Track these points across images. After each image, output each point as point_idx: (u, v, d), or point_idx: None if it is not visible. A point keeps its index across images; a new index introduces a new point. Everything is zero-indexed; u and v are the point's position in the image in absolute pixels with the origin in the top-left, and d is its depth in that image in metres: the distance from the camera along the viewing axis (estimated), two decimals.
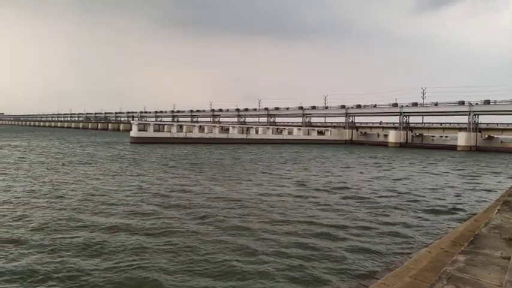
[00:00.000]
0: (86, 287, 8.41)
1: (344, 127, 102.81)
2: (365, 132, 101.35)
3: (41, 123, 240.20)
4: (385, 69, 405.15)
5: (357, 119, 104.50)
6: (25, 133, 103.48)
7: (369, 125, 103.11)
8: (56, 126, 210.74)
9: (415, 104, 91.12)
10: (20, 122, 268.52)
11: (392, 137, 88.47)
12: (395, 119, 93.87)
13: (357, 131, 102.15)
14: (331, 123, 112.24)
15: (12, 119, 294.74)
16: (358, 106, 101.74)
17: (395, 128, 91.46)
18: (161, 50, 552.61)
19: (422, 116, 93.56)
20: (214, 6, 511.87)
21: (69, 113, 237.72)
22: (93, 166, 30.85)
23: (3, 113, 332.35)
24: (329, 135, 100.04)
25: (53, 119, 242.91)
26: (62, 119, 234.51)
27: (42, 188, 20.05)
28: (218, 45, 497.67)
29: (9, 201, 16.42)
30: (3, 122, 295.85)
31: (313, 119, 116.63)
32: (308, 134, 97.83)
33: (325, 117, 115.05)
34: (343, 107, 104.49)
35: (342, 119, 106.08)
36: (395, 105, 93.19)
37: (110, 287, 8.45)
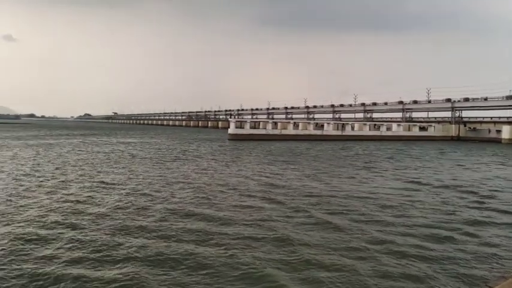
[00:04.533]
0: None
1: (450, 122, 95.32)
2: (474, 128, 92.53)
3: (149, 122, 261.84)
4: (497, 59, 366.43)
5: (464, 114, 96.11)
6: (138, 131, 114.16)
7: (478, 119, 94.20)
8: (162, 124, 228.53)
9: None
10: (130, 121, 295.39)
11: (507, 132, 79.61)
12: (509, 113, 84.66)
13: (465, 126, 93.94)
14: (435, 118, 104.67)
15: (124, 118, 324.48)
16: (466, 99, 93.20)
17: (509, 123, 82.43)
18: (257, 48, 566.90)
19: None
20: (310, 4, 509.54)
21: (173, 112, 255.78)
22: (213, 160, 34.27)
23: (116, 113, 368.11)
24: (432, 131, 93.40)
25: (159, 117, 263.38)
26: (168, 117, 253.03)
27: (175, 176, 22.49)
28: (313, 42, 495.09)
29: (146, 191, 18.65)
30: (117, 120, 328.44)
31: (414, 114, 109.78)
32: (409, 130, 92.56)
33: (427, 111, 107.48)
34: (448, 100, 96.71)
35: (447, 114, 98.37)
36: (510, 97, 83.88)
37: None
